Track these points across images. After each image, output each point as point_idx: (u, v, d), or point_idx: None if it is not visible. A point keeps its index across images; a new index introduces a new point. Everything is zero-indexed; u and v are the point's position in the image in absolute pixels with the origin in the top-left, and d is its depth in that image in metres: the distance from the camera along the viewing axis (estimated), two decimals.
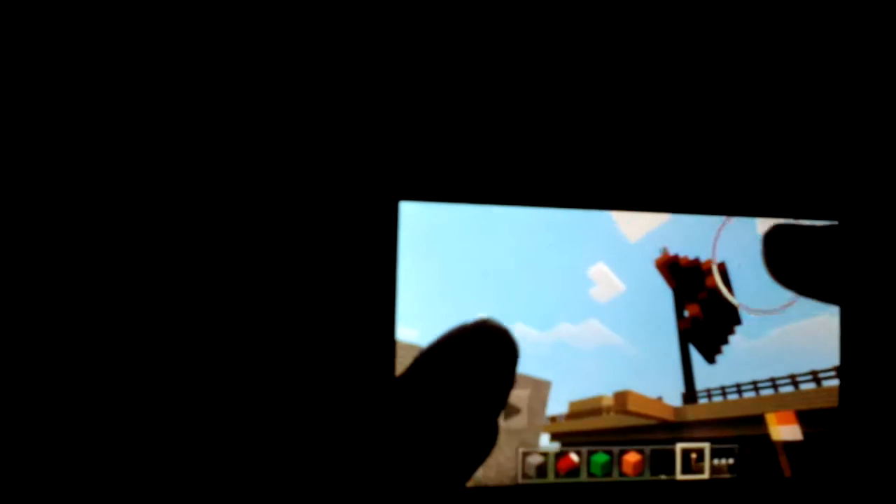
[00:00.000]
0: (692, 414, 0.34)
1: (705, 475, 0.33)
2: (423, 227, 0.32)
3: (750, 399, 0.35)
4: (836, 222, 0.35)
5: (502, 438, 0.32)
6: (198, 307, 0.30)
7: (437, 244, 0.32)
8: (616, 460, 0.33)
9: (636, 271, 0.34)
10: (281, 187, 0.31)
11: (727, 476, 0.34)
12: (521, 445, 0.32)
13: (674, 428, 0.34)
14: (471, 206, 0.32)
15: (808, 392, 0.35)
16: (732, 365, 0.35)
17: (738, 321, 0.34)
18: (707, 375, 0.34)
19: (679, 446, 0.33)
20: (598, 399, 0.33)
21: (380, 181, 0.32)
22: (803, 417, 0.35)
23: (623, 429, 0.34)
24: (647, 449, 0.33)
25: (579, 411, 0.33)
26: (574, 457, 0.32)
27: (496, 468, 0.32)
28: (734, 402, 0.34)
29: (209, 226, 0.30)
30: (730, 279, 0.34)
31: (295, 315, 0.31)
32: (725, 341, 0.34)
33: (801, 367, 0.35)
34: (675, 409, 0.34)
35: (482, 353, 0.14)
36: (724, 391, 0.34)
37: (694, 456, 0.33)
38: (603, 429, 0.33)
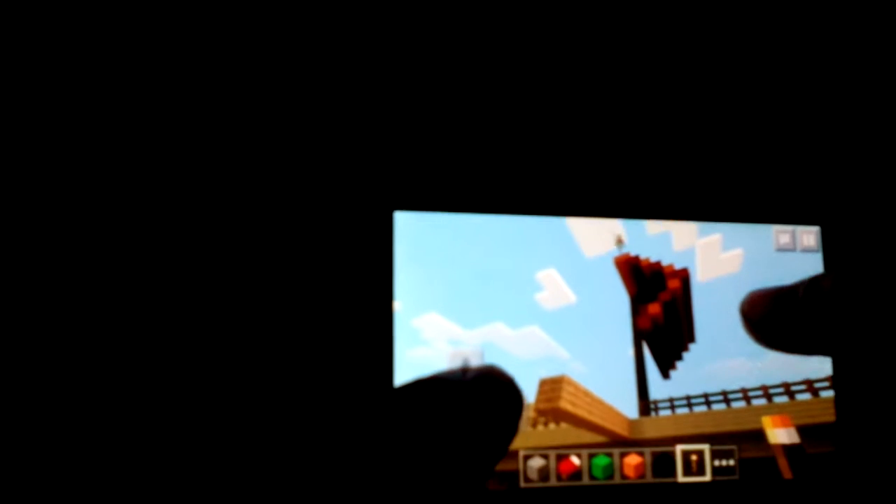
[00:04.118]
0: (651, 430, 0.33)
1: (707, 477, 0.33)
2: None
3: (700, 413, 0.34)
4: (818, 227, 0.36)
5: None
6: (196, 315, 0.30)
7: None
8: (617, 463, 0.33)
9: (589, 284, 0.33)
10: (278, 198, 0.32)
11: (729, 478, 0.33)
12: None
13: (625, 445, 0.33)
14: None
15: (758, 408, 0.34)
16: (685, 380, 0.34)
17: (692, 338, 0.34)
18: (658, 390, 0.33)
19: (679, 448, 0.33)
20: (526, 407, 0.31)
21: (375, 191, 0.32)
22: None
23: (555, 448, 0.32)
24: (648, 451, 0.33)
25: None
26: (575, 460, 0.32)
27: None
28: (719, 412, 0.34)
29: (206, 235, 0.31)
30: (690, 288, 0.35)
31: (291, 323, 0.31)
32: (680, 357, 0.34)
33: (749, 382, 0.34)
34: (631, 423, 0.33)
35: (487, 404, 0.14)
36: (688, 401, 0.33)
37: (695, 458, 0.33)
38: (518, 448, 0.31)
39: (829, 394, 0.34)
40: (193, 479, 0.28)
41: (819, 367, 0.34)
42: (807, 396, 0.34)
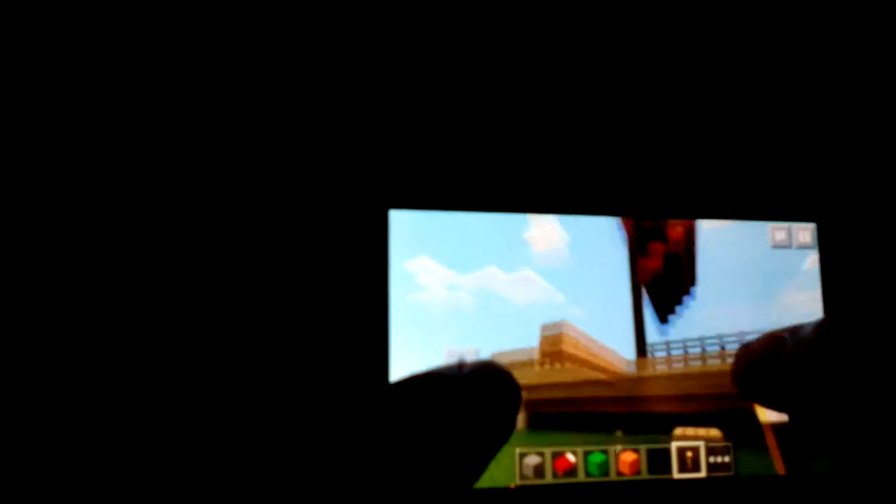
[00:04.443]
0: (645, 369, 0.33)
1: (702, 474, 0.33)
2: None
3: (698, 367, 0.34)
4: (814, 223, 0.35)
5: None
6: (190, 314, 0.30)
7: None
8: (613, 460, 0.33)
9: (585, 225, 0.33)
10: (272, 197, 0.32)
11: (725, 474, 0.34)
12: None
13: (620, 388, 0.33)
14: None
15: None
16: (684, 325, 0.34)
17: (693, 281, 0.34)
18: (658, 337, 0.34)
19: (675, 445, 0.33)
20: (529, 350, 0.32)
21: (369, 190, 0.32)
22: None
23: (559, 385, 0.32)
24: (644, 448, 0.33)
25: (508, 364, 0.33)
26: (571, 457, 0.32)
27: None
28: (711, 355, 0.34)
29: (200, 234, 0.31)
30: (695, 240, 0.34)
31: (286, 322, 0.31)
32: (679, 301, 0.34)
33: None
34: (629, 364, 0.33)
35: (485, 398, 0.14)
36: (684, 345, 0.34)
37: (690, 455, 0.34)
38: (535, 384, 0.32)
39: None
40: (185, 469, 0.29)
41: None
42: None
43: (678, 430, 0.33)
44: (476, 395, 0.14)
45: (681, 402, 0.34)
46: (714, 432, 0.34)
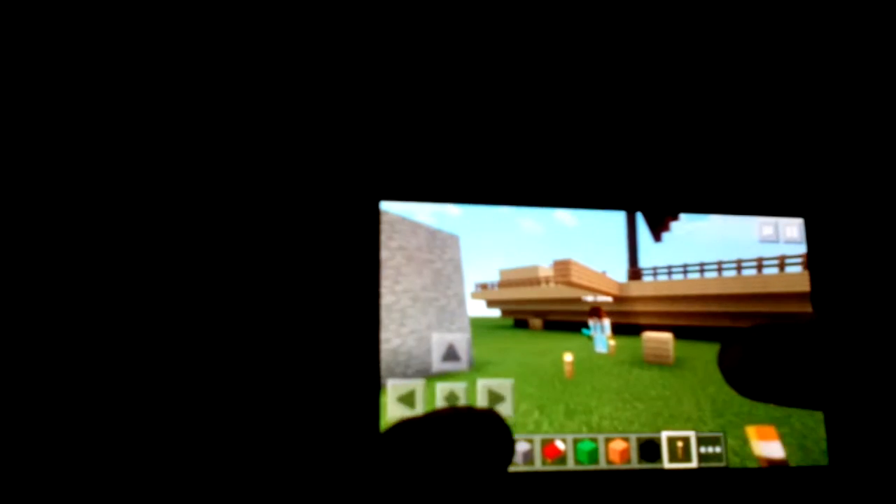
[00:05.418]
0: (637, 290, 0.36)
1: (693, 464, 0.33)
2: None
3: (695, 280, 0.36)
4: (802, 218, 0.36)
5: None
6: (177, 310, 0.31)
7: None
8: (602, 448, 0.33)
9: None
10: (263, 189, 0.32)
11: (716, 465, 0.34)
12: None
13: (618, 303, 0.36)
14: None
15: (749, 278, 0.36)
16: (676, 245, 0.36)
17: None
18: (651, 255, 0.36)
19: (665, 435, 0.34)
20: (534, 269, 0.35)
21: (361, 182, 0.33)
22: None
23: (565, 299, 0.35)
24: (634, 437, 0.33)
25: (513, 280, 0.35)
26: (560, 444, 0.33)
27: None
28: (678, 282, 0.36)
29: (190, 227, 0.31)
30: None
31: (277, 313, 0.31)
32: (675, 217, 0.36)
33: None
34: (620, 286, 0.36)
35: (477, 437, 0.14)
36: (669, 270, 0.36)
37: (681, 445, 0.34)
38: (543, 299, 0.35)
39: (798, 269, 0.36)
40: (180, 469, 0.29)
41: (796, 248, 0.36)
42: (774, 271, 0.36)
43: (645, 334, 0.36)
44: (470, 433, 0.15)
45: (650, 316, 0.37)
46: (666, 335, 0.36)
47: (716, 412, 0.34)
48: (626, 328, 0.36)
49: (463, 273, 0.35)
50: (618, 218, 0.36)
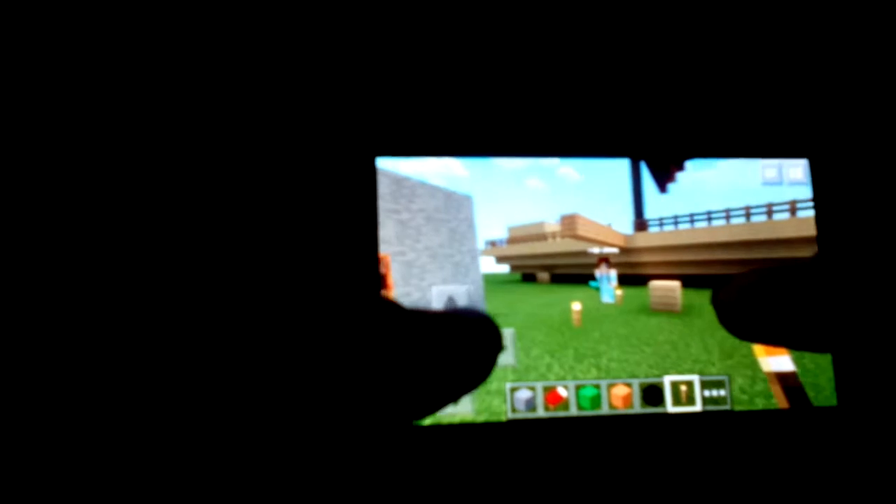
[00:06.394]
0: (643, 242, 0.37)
1: (697, 408, 0.34)
2: None
3: (702, 229, 0.37)
4: (806, 159, 0.35)
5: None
6: (176, 269, 0.32)
7: None
8: (605, 394, 0.34)
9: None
10: (257, 147, 0.33)
11: (720, 408, 0.34)
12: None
13: (624, 254, 0.37)
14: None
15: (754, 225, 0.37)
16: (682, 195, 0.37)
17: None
18: (657, 206, 0.37)
19: (668, 379, 0.34)
20: (540, 225, 0.36)
21: (356, 138, 0.34)
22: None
23: (571, 253, 0.37)
24: (636, 382, 0.34)
25: (521, 237, 0.36)
26: (562, 391, 0.34)
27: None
28: (685, 231, 0.37)
29: (185, 187, 0.32)
30: None
31: (275, 276, 0.32)
32: (680, 167, 0.36)
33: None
34: (626, 238, 0.36)
35: (468, 335, 0.15)
36: (675, 219, 0.37)
37: (684, 389, 0.34)
38: (550, 253, 0.37)
39: (810, 213, 0.35)
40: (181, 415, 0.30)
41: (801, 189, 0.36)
42: (786, 216, 0.36)
43: (652, 283, 0.37)
44: (460, 331, 0.16)
45: (656, 266, 0.37)
46: (674, 283, 0.36)
47: (724, 354, 0.34)
48: (632, 279, 0.37)
49: (476, 230, 0.36)
50: (622, 172, 0.36)
